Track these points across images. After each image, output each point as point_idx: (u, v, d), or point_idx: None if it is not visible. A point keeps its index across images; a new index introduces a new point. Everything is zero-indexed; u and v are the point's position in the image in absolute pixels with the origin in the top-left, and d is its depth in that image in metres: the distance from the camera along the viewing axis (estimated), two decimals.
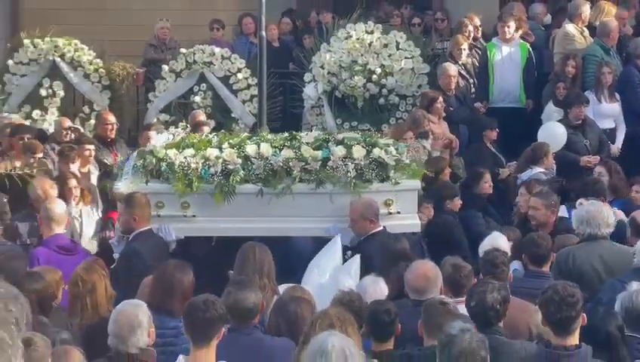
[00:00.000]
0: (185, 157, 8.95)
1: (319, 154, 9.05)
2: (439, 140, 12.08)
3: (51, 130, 13.71)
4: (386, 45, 13.84)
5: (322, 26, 14.88)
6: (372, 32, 13.94)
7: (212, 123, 13.92)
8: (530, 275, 7.83)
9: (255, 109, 13.64)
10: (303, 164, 8.99)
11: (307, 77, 14.05)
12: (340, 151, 9.06)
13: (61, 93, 14.66)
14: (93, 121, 14.05)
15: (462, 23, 14.12)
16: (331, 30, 14.21)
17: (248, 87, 14.31)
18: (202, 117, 13.43)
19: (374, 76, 13.71)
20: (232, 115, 14.37)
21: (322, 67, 13.89)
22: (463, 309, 6.72)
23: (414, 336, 6.37)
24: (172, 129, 14.13)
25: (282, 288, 7.47)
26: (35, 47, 14.60)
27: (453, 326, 5.25)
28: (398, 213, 9.02)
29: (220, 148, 9.09)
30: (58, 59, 14.61)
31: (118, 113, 14.41)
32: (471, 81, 13.89)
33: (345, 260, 8.56)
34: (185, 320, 5.94)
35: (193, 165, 8.90)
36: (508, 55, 13.65)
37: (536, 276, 7.73)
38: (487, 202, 11.25)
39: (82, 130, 13.73)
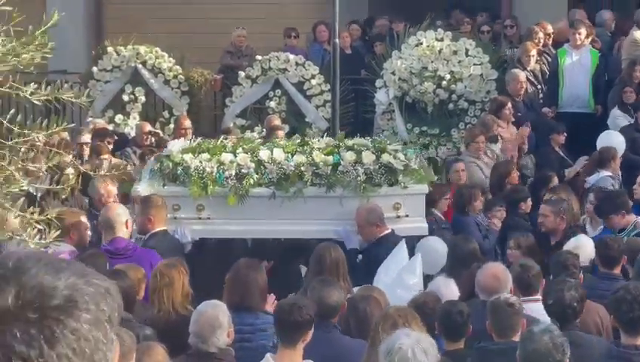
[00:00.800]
0: (200, 162, 8.98)
1: (330, 159, 9.05)
2: (511, 142, 11.95)
3: (133, 133, 13.83)
4: (455, 52, 13.75)
5: (393, 33, 14.80)
6: (442, 40, 13.85)
7: (286, 127, 13.93)
8: (602, 277, 7.70)
9: (328, 114, 13.63)
10: (315, 168, 8.98)
11: (378, 83, 14.01)
12: (350, 156, 9.06)
13: (142, 98, 14.78)
14: (172, 126, 14.12)
15: (532, 30, 13.97)
16: (402, 37, 14.14)
17: (322, 92, 14.30)
18: (277, 121, 13.44)
19: (444, 82, 13.62)
20: (306, 120, 14.36)
21: (393, 73, 13.83)
22: (530, 308, 6.64)
23: (483, 335, 6.28)
24: (248, 133, 14.27)
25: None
26: (118, 54, 14.74)
27: (538, 325, 5.20)
28: (407, 216, 8.99)
29: (235, 153, 9.11)
30: (140, 66, 14.73)
31: (196, 118, 14.50)
32: (539, 87, 13.73)
33: (356, 264, 8.52)
34: (274, 320, 5.96)
35: (208, 169, 8.92)
36: (578, 61, 13.47)
37: (607, 278, 7.60)
38: None
39: (162, 134, 13.82)
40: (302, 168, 8.96)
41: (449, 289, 7.21)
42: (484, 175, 11.46)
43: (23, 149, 4.13)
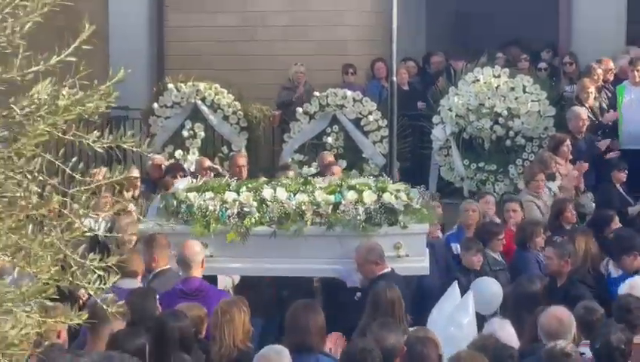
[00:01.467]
0: (204, 200, 8.92)
1: (332, 198, 8.99)
2: (569, 180, 11.73)
3: (192, 168, 13.83)
4: (512, 88, 13.58)
5: (450, 69, 14.68)
6: (499, 76, 13.70)
7: (344, 163, 13.83)
8: None
9: (385, 150, 13.52)
10: (316, 207, 8.91)
11: (435, 119, 13.88)
12: (351, 196, 8.98)
13: (202, 134, 14.79)
14: None
15: (590, 67, 13.78)
16: (459, 74, 14.01)
17: (379, 128, 14.19)
18: (331, 158, 13.33)
19: (501, 118, 13.46)
20: (363, 156, 14.25)
21: (450, 110, 13.70)
22: None
23: None
24: (305, 168, 14.21)
25: None
26: (178, 91, 14.77)
27: None
28: (407, 255, 8.86)
29: (238, 192, 9.07)
30: (199, 102, 14.75)
31: (255, 153, 14.46)
32: (597, 123, 13.49)
33: (355, 301, 8.32)
34: None
35: (211, 207, 8.87)
36: (637, 98, 13.22)
37: None
38: None
39: (221, 169, 13.79)
40: (303, 207, 8.91)
41: (505, 332, 7.05)
42: (542, 213, 11.23)
43: (84, 197, 4.07)
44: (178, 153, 14.70)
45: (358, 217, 8.83)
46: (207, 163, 13.09)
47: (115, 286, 4.44)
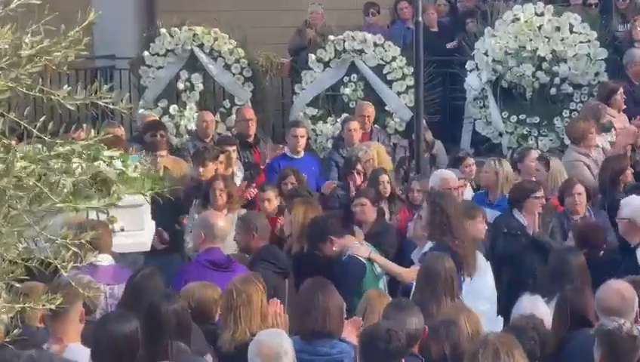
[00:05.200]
0: None
1: (34, 168, 8.95)
2: (624, 134, 11.58)
3: (192, 126, 13.78)
4: (558, 28, 13.49)
5: (486, 7, 14.56)
6: (542, 14, 13.57)
7: None
8: None
9: (411, 102, 13.40)
10: (16, 180, 8.86)
11: (469, 65, 13.81)
12: (56, 164, 8.97)
13: (200, 86, 14.75)
14: (234, 117, 14.00)
15: None
16: (496, 13, 13.89)
17: (404, 77, 14.10)
18: (372, 111, 13.08)
19: (545, 63, 13.41)
20: (387, 109, 14.15)
21: (486, 54, 13.62)
22: None
23: None
24: (320, 124, 14.14)
25: None
26: (172, 36, 14.71)
27: None
28: (122, 230, 8.86)
29: None
30: (197, 49, 14.69)
31: (261, 107, 14.38)
32: None
33: None
34: (363, 348, 5.89)
35: None
36: None
37: None
38: None
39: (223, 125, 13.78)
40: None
41: (539, 311, 7.01)
42: (593, 174, 11.06)
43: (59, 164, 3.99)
44: (173, 108, 14.65)
45: (65, 189, 8.92)
46: (211, 117, 12.96)
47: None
